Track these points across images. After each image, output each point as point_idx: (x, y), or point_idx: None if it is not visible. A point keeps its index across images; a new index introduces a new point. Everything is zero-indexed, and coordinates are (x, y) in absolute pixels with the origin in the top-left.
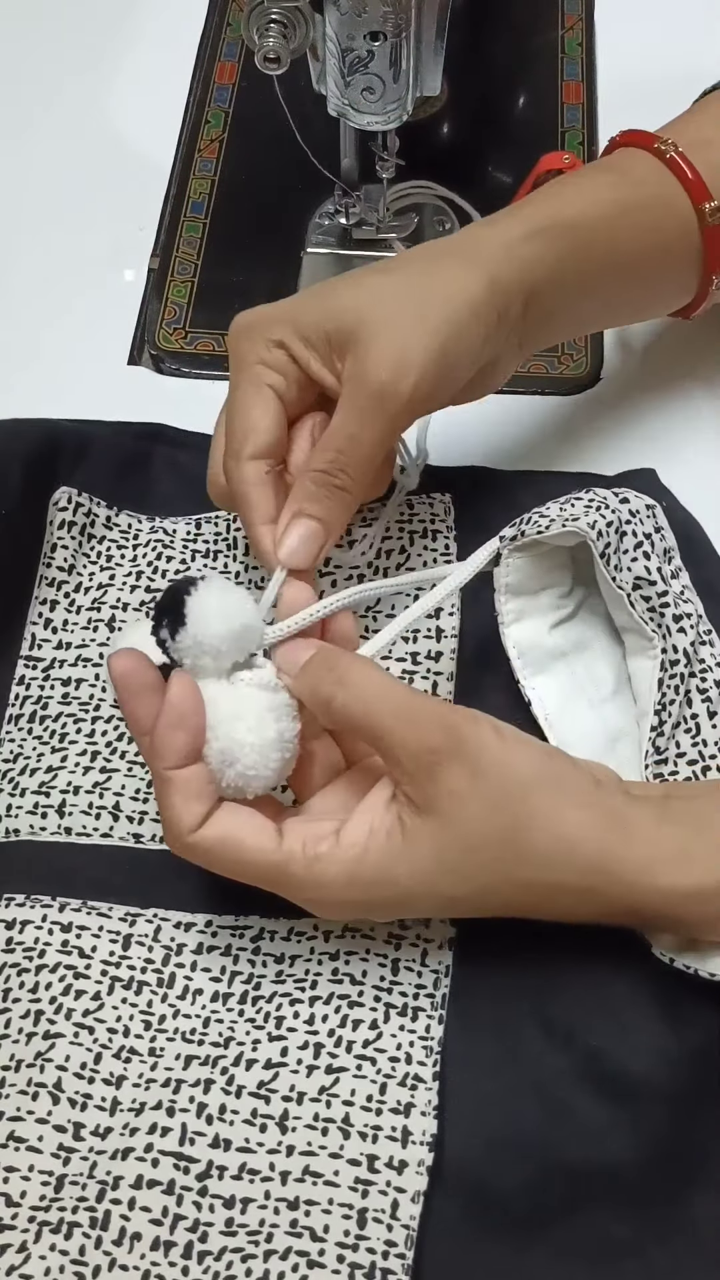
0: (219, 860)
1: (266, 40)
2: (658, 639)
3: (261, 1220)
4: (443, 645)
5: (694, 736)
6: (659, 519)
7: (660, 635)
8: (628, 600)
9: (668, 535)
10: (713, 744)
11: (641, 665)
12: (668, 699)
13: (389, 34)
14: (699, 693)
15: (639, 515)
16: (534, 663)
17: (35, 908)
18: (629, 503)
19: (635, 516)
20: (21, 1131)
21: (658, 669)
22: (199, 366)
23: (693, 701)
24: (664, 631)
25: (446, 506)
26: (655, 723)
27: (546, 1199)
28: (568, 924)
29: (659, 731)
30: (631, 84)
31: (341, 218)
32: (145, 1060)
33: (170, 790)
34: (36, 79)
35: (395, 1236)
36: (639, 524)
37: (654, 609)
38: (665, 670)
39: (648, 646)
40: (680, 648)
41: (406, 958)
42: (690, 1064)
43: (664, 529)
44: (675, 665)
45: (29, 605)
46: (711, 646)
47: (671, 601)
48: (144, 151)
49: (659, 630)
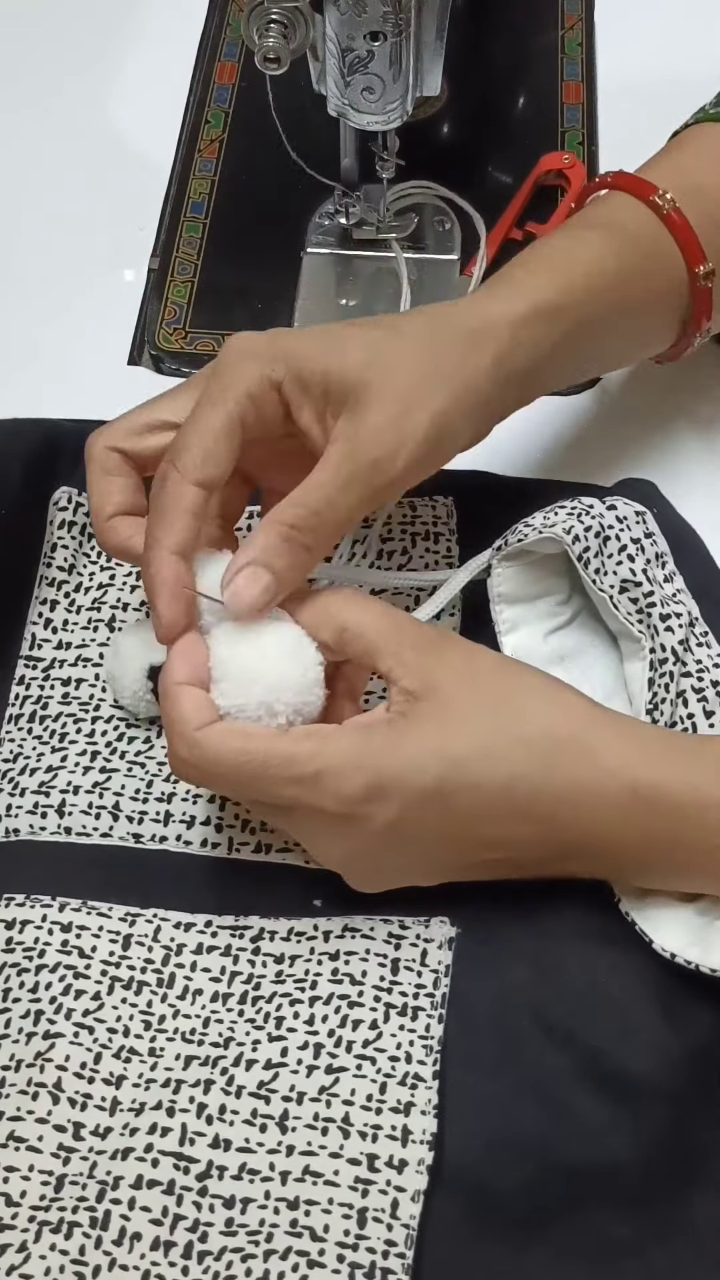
0: (225, 755)
1: (266, 40)
2: (645, 639)
3: (261, 1220)
4: None
5: None
6: (649, 525)
7: (648, 635)
8: (611, 602)
9: (659, 541)
10: None
11: (635, 668)
12: (659, 698)
13: (389, 34)
14: (694, 693)
15: (626, 521)
16: None
17: (35, 907)
18: (616, 509)
19: (622, 522)
20: (21, 1131)
21: (647, 669)
22: (199, 366)
23: (688, 702)
24: (651, 631)
25: (449, 509)
26: (649, 723)
27: (546, 1198)
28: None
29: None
30: (631, 84)
31: (341, 218)
32: (145, 1060)
33: (178, 699)
34: (36, 79)
35: (395, 1236)
36: (626, 529)
37: (641, 610)
38: (654, 670)
39: (639, 649)
40: (668, 646)
41: (406, 958)
42: (690, 1063)
43: (655, 534)
44: (664, 664)
45: (29, 605)
46: (708, 648)
47: (659, 602)
48: (144, 151)
49: (646, 630)
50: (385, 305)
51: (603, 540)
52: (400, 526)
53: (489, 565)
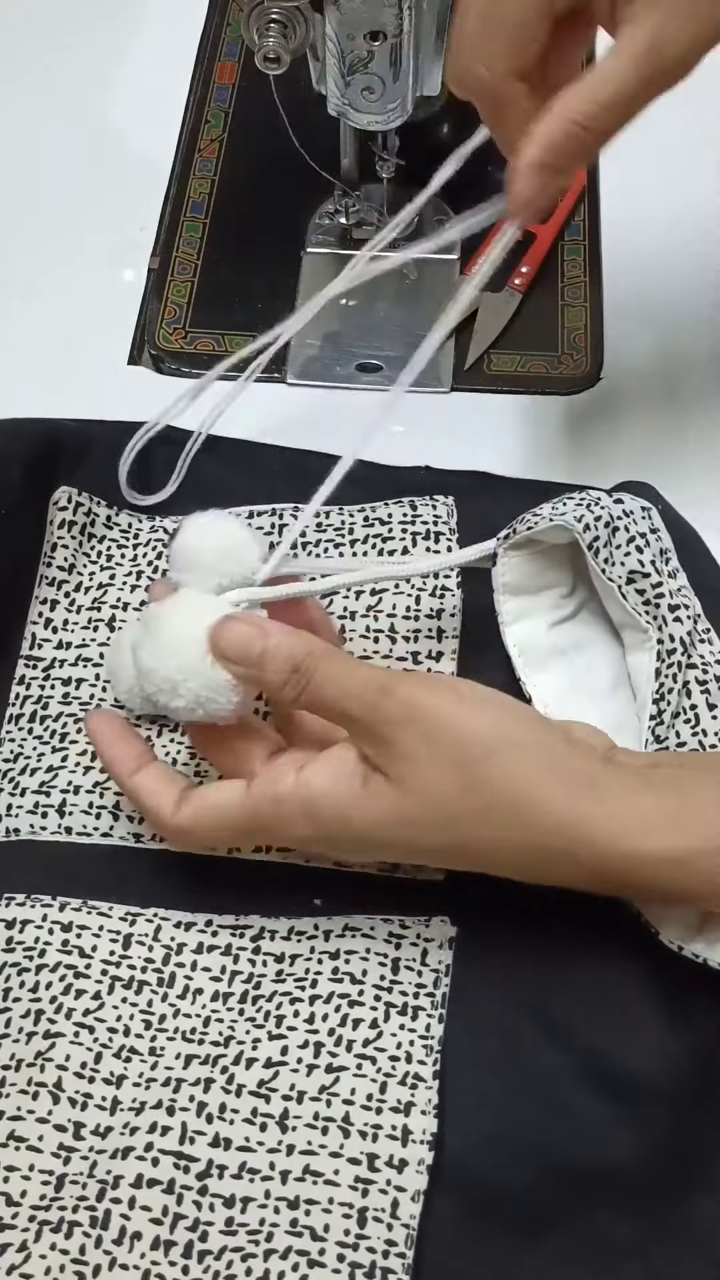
0: (206, 828)
1: (266, 40)
2: (653, 629)
3: (261, 1219)
4: (444, 645)
5: (694, 727)
6: (655, 520)
7: (655, 626)
8: (619, 591)
9: (664, 536)
10: (713, 734)
11: (639, 660)
12: (666, 688)
13: (389, 34)
14: (698, 684)
15: (633, 514)
16: (534, 661)
17: (35, 907)
18: (623, 503)
19: (629, 515)
20: (22, 1131)
21: (654, 659)
22: (199, 366)
23: (691, 693)
24: (659, 622)
25: (449, 509)
26: (654, 712)
27: (547, 1199)
28: (568, 923)
29: (658, 720)
30: None
31: (341, 218)
32: (145, 1059)
33: (139, 795)
34: (36, 79)
35: (395, 1235)
36: (633, 522)
37: (649, 601)
38: (662, 660)
39: (644, 640)
40: (677, 637)
41: (407, 957)
42: (692, 1063)
43: (660, 530)
44: (672, 655)
45: (29, 605)
46: (710, 644)
47: (667, 593)
48: (144, 151)
49: (654, 621)
50: (386, 305)
51: (611, 530)
52: (401, 526)
53: (494, 554)
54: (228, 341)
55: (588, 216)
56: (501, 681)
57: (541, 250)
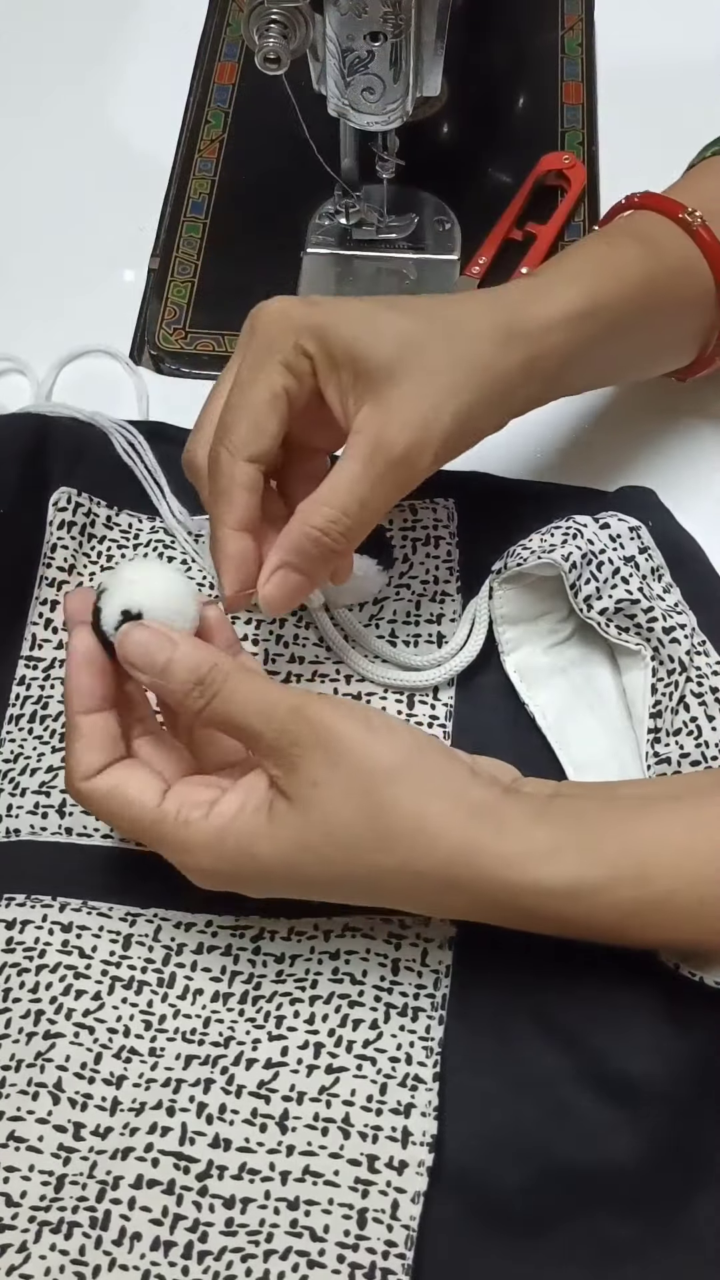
0: (104, 810)
1: (266, 40)
2: (645, 650)
3: (261, 1220)
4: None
5: (696, 739)
6: (644, 539)
7: (650, 648)
8: (599, 627)
9: (654, 555)
10: (714, 745)
11: (634, 678)
12: (663, 705)
13: (389, 34)
14: (694, 696)
15: (620, 539)
16: (535, 682)
17: (35, 907)
18: (609, 527)
19: (616, 540)
20: (22, 1131)
21: (649, 676)
22: (199, 366)
23: (690, 706)
24: (655, 644)
25: (449, 512)
26: (652, 725)
27: (547, 1200)
28: None
29: (655, 736)
30: (632, 84)
31: (341, 218)
32: (145, 1060)
33: (74, 735)
34: (37, 79)
35: (395, 1237)
36: (619, 547)
37: (641, 625)
38: (657, 677)
39: (637, 660)
40: (675, 657)
41: (407, 958)
42: (692, 1065)
43: (650, 549)
44: (671, 675)
45: (29, 605)
46: (706, 656)
47: (660, 616)
48: (144, 151)
49: (647, 644)
50: None
51: (596, 566)
52: (401, 532)
53: (489, 588)
54: (228, 342)
55: (587, 217)
56: (500, 691)
57: (541, 251)
